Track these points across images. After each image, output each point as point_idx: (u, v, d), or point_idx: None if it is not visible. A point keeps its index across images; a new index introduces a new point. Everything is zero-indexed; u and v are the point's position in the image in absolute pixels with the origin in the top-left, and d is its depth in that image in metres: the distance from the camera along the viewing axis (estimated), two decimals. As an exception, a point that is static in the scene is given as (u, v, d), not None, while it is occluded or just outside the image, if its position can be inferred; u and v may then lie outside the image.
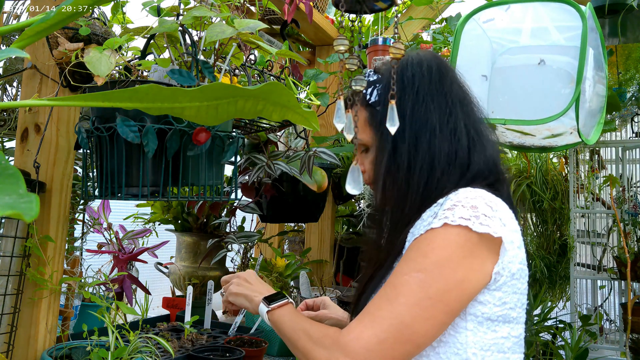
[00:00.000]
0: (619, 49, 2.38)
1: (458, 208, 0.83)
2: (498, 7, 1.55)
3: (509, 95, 1.57)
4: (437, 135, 0.92)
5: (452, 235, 0.82)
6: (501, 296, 0.86)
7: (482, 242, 0.82)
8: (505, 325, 0.87)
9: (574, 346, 2.11)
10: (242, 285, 1.07)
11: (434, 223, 0.83)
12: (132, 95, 0.52)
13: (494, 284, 0.85)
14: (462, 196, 0.85)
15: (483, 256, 0.83)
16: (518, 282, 0.88)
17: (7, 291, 1.19)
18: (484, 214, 0.83)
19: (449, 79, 0.97)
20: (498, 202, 0.87)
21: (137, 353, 1.18)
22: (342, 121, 0.81)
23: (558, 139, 1.56)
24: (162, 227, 2.08)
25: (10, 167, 0.38)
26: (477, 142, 0.95)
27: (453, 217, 0.82)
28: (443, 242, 0.82)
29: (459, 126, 0.94)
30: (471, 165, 0.93)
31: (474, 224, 0.81)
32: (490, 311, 0.85)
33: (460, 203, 0.84)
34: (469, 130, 0.95)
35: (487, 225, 0.82)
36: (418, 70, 0.96)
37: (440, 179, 0.91)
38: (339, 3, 0.89)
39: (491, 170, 0.94)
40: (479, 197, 0.85)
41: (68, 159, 1.30)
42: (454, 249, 0.82)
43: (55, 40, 1.17)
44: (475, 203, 0.84)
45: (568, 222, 2.51)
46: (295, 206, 1.73)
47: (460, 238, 0.82)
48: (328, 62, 2.22)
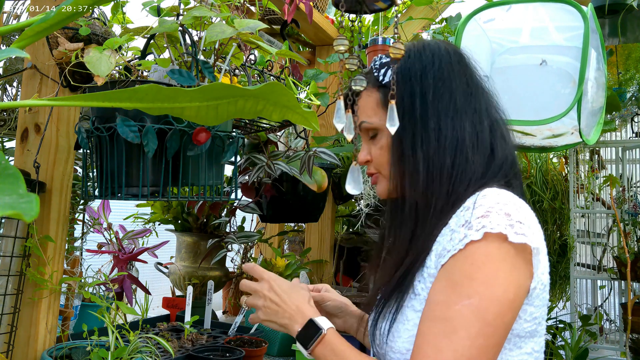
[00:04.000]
0: (619, 49, 2.38)
1: (493, 215, 0.75)
2: (499, 7, 1.54)
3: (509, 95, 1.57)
4: (461, 116, 0.85)
5: (492, 249, 0.74)
6: (533, 311, 0.80)
7: (519, 253, 0.76)
8: (531, 341, 0.82)
9: (574, 346, 2.11)
10: (269, 309, 0.92)
11: (472, 235, 0.75)
12: (132, 95, 0.52)
13: (528, 297, 0.78)
14: (493, 201, 0.77)
15: (523, 268, 0.76)
16: (546, 293, 0.82)
17: (7, 291, 1.19)
18: (519, 221, 0.76)
19: (471, 65, 0.92)
20: (525, 206, 0.81)
21: (137, 353, 1.18)
22: (342, 121, 0.81)
23: (558, 139, 1.56)
24: (162, 227, 2.08)
25: (10, 167, 0.38)
26: (499, 130, 0.89)
27: (491, 224, 0.75)
28: (486, 258, 0.74)
29: (482, 109, 0.88)
30: (495, 152, 0.86)
31: (510, 234, 0.74)
32: (520, 327, 0.80)
33: (494, 209, 0.76)
34: (492, 116, 0.89)
35: (522, 234, 0.75)
36: (437, 51, 0.90)
37: (465, 163, 0.84)
38: (339, 3, 0.89)
39: (512, 164, 0.88)
40: (510, 203, 0.78)
41: (68, 159, 1.30)
42: (498, 264, 0.74)
43: (55, 40, 1.17)
44: (508, 210, 0.76)
45: (568, 222, 2.51)
46: (295, 206, 1.73)
47: (501, 251, 0.74)
48: (328, 62, 2.22)
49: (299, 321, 0.89)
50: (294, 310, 0.90)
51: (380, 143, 0.92)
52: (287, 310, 0.91)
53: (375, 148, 0.92)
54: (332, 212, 2.41)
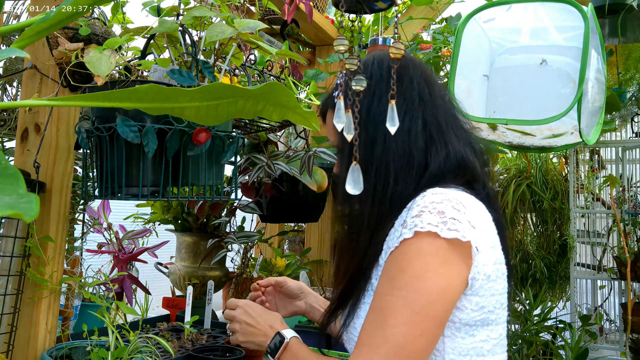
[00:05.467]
0: (619, 49, 2.38)
1: (425, 214, 0.81)
2: (499, 7, 1.54)
3: (509, 95, 1.57)
4: (391, 137, 0.89)
5: (423, 245, 0.80)
6: (478, 300, 0.84)
7: (453, 247, 0.80)
8: (484, 329, 0.86)
9: (574, 346, 2.11)
10: (245, 331, 1.04)
11: (405, 233, 0.81)
12: (132, 95, 0.52)
13: (470, 289, 0.83)
14: (429, 200, 0.83)
15: (457, 262, 0.81)
16: (495, 283, 0.86)
17: (7, 291, 1.19)
18: (452, 217, 0.80)
19: (408, 76, 0.94)
20: (468, 202, 0.84)
21: (137, 353, 1.18)
22: (342, 121, 0.81)
23: (558, 139, 1.56)
24: (162, 227, 2.07)
25: (10, 167, 0.38)
26: (438, 140, 0.91)
27: (422, 224, 0.80)
28: (416, 253, 0.80)
29: (415, 126, 0.91)
30: (429, 165, 0.90)
31: (442, 230, 0.79)
32: (467, 317, 0.84)
33: (427, 209, 0.81)
34: (429, 128, 0.92)
35: (455, 230, 0.80)
36: (377, 71, 0.95)
37: (397, 182, 0.89)
38: (339, 3, 0.89)
39: (459, 167, 0.91)
40: (446, 201, 0.82)
41: (68, 159, 1.30)
42: (428, 258, 0.80)
43: (55, 40, 1.17)
44: (442, 208, 0.81)
45: (568, 222, 2.51)
46: (295, 206, 1.73)
47: (432, 246, 0.80)
48: (328, 62, 2.22)
49: (271, 336, 1.00)
50: (267, 329, 1.02)
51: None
52: (262, 329, 1.02)
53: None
54: (332, 212, 2.41)
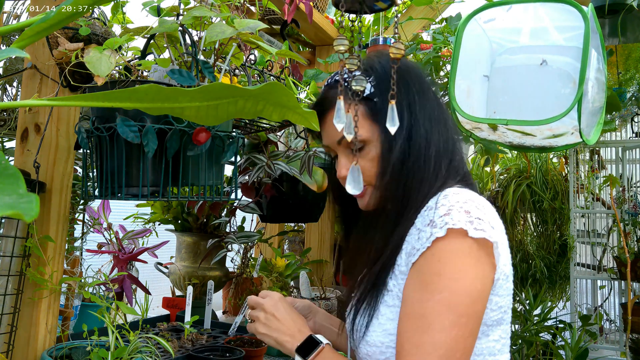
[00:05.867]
0: (619, 49, 2.38)
1: (454, 212, 0.81)
2: (499, 7, 1.54)
3: (509, 95, 1.57)
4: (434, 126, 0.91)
5: (456, 245, 0.80)
6: (498, 300, 0.85)
7: (481, 247, 0.81)
8: (498, 328, 0.87)
9: (574, 346, 2.11)
10: (269, 324, 0.99)
11: (437, 232, 0.80)
12: (132, 95, 0.52)
13: (493, 288, 0.83)
14: (454, 200, 0.83)
15: (486, 261, 0.81)
16: (510, 283, 0.87)
17: (7, 291, 1.19)
18: (477, 217, 0.81)
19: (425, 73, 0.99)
20: (484, 202, 0.86)
21: (137, 353, 1.18)
22: (342, 121, 0.81)
23: (559, 139, 1.56)
24: (162, 227, 2.07)
25: (10, 167, 0.38)
26: (455, 132, 0.96)
27: (453, 221, 0.80)
28: (450, 255, 0.80)
29: (446, 117, 0.95)
30: (454, 155, 0.93)
31: (470, 230, 0.79)
32: (487, 317, 0.84)
33: (454, 207, 0.81)
34: (449, 121, 0.96)
35: (482, 230, 0.80)
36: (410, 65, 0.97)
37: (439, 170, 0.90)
38: (339, 3, 0.89)
39: (463, 163, 0.95)
40: (469, 201, 0.83)
41: (68, 159, 1.30)
42: (463, 259, 0.79)
43: (55, 40, 1.17)
44: (467, 207, 0.82)
45: (568, 222, 2.51)
46: (295, 206, 1.73)
47: (464, 246, 0.80)
48: (328, 62, 2.22)
49: (299, 338, 0.95)
50: (294, 331, 0.97)
51: (369, 155, 0.93)
52: (289, 329, 0.98)
53: (364, 160, 0.93)
54: (332, 212, 2.41)
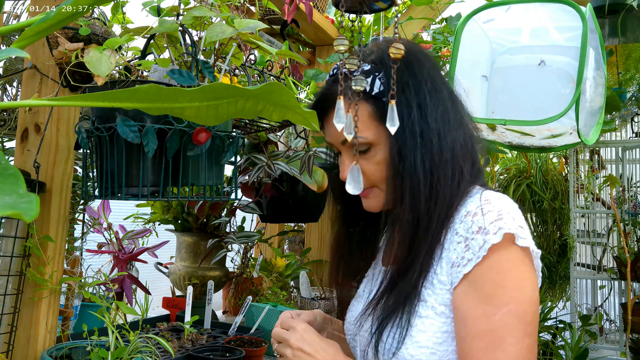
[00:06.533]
0: (619, 49, 2.38)
1: (505, 217, 0.78)
2: (499, 7, 1.55)
3: (509, 95, 1.57)
4: (452, 124, 0.86)
5: (511, 254, 0.77)
6: None
7: (527, 255, 0.79)
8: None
9: (574, 346, 2.11)
10: (299, 358, 0.89)
11: (491, 239, 0.77)
12: (132, 95, 0.52)
13: None
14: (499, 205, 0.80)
15: (533, 269, 0.80)
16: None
17: (7, 291, 1.19)
18: (520, 225, 0.79)
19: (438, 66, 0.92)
20: (517, 208, 0.83)
21: (137, 353, 1.18)
22: (342, 121, 0.81)
23: (558, 139, 1.56)
24: (162, 227, 2.07)
25: (10, 167, 0.38)
26: (474, 130, 0.92)
27: (506, 225, 0.77)
28: (508, 264, 0.77)
29: (463, 116, 0.89)
30: (475, 157, 0.89)
31: (519, 237, 0.78)
32: None
33: (503, 212, 0.79)
34: (466, 119, 0.91)
35: (525, 239, 0.78)
36: (422, 57, 0.89)
37: (460, 173, 0.85)
38: (339, 3, 0.89)
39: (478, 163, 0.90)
40: (508, 205, 0.81)
41: (68, 159, 1.30)
42: (521, 267, 0.78)
43: (55, 40, 1.17)
44: (514, 214, 0.80)
45: (568, 222, 2.51)
46: (295, 206, 1.73)
47: (518, 254, 0.78)
48: (328, 62, 2.21)
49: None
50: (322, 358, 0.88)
51: (376, 158, 0.87)
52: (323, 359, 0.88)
53: (370, 163, 0.88)
54: (332, 212, 2.41)
